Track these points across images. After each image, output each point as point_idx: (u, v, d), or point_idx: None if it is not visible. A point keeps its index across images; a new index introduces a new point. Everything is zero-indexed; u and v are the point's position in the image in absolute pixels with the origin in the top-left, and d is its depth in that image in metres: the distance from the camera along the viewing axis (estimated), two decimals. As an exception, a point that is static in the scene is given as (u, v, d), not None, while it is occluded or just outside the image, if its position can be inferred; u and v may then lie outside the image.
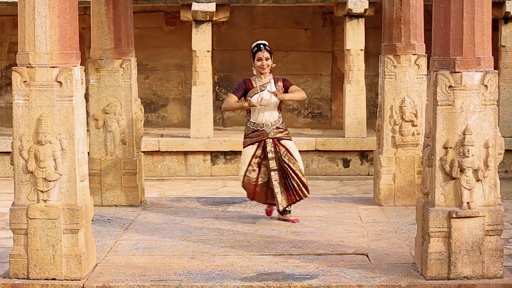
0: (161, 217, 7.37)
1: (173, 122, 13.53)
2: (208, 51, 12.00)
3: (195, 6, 11.74)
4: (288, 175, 7.03)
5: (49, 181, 5.35)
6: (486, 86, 5.30)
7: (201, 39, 11.94)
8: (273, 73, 7.21)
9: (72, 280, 5.40)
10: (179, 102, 13.54)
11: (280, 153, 7.05)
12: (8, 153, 9.91)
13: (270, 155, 7.05)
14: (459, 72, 5.27)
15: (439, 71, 5.32)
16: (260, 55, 7.08)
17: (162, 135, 12.26)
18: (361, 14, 11.84)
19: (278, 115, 7.15)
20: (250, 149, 7.11)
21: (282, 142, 7.10)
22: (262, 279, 5.42)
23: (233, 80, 13.08)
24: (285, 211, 7.13)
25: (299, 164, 7.06)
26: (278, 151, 7.06)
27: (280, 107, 7.17)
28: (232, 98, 7.12)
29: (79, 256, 5.41)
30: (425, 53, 7.75)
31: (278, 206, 7.07)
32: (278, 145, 7.08)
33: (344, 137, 11.99)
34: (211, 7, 11.77)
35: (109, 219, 7.26)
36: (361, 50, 11.91)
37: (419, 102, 7.75)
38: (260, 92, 7.06)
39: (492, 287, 5.30)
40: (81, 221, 5.40)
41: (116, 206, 7.80)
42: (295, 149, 7.15)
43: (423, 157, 5.56)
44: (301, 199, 7.12)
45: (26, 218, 5.37)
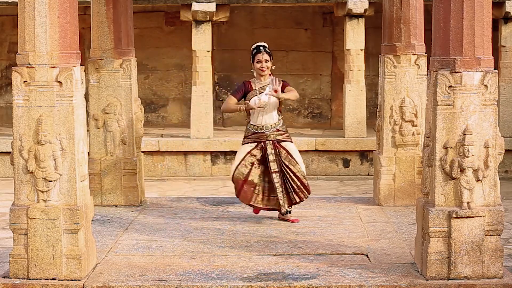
0: (161, 217, 7.36)
1: (173, 122, 13.53)
2: (208, 51, 12.00)
3: (195, 6, 11.74)
4: (289, 177, 7.03)
5: (49, 181, 5.35)
6: (486, 86, 5.29)
7: (201, 39, 11.94)
8: (272, 74, 7.21)
9: (72, 280, 5.40)
10: (179, 102, 13.54)
11: (281, 156, 7.05)
12: (8, 153, 9.90)
13: (271, 157, 7.04)
14: (459, 72, 5.27)
15: (439, 71, 5.32)
16: (259, 57, 7.08)
17: (162, 135, 12.25)
18: (361, 14, 11.84)
19: (278, 117, 7.13)
20: (247, 146, 7.11)
21: (283, 144, 7.09)
22: (262, 279, 5.42)
23: (233, 80, 13.09)
24: (285, 211, 7.14)
25: (300, 166, 7.06)
26: (278, 153, 7.05)
27: (279, 109, 7.17)
28: (232, 100, 7.13)
29: (79, 256, 5.40)
30: (425, 53, 7.75)
31: (280, 208, 7.08)
32: (279, 147, 7.07)
33: (344, 137, 12.00)
34: (211, 7, 11.77)
35: (109, 219, 7.25)
36: (361, 50, 11.91)
37: (419, 102, 7.75)
38: (259, 94, 7.06)
39: (492, 287, 5.29)
40: (81, 221, 5.39)
41: (116, 206, 7.79)
42: (296, 151, 7.14)
43: (423, 157, 5.56)
44: (301, 201, 7.13)
45: (26, 218, 5.36)
